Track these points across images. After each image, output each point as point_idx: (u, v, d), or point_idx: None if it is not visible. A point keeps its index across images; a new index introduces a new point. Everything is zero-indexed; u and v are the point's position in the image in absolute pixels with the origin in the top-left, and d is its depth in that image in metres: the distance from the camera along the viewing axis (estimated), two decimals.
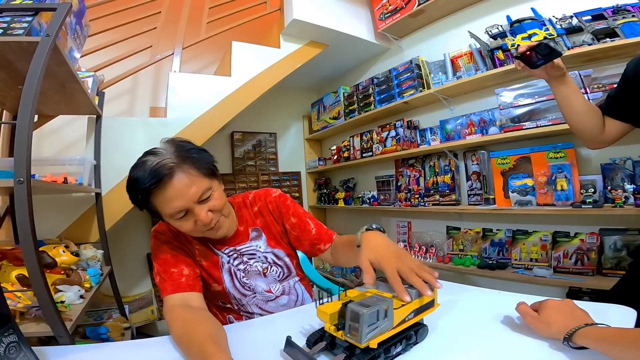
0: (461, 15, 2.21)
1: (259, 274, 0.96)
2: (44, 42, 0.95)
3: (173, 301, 0.80)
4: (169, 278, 0.83)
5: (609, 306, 0.75)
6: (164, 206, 0.78)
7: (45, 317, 0.85)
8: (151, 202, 0.79)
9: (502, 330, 0.70)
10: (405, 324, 0.61)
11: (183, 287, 0.82)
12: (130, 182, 0.79)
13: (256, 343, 0.74)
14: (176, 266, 0.86)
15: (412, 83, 2.29)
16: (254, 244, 0.97)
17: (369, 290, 0.68)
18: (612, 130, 1.04)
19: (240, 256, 0.96)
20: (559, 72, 1.01)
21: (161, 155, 0.78)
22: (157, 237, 0.91)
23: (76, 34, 1.32)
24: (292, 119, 3.54)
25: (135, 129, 1.94)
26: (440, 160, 2.29)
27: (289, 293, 1.00)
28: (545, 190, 1.68)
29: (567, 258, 1.65)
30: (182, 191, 0.77)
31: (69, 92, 1.36)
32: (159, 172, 0.75)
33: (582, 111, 1.04)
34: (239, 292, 0.94)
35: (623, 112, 1.02)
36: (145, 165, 0.76)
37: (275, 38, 2.44)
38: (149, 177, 0.75)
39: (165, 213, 0.80)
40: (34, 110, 0.86)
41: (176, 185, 0.76)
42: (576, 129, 1.08)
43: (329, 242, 1.00)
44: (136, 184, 0.77)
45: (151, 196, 0.77)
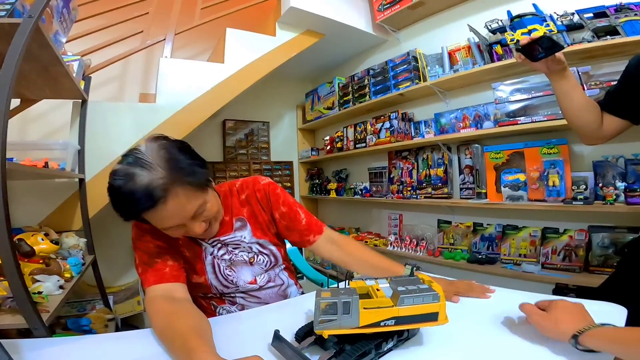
0: (461, 8, 2.18)
1: (245, 263, 0.93)
2: (26, 23, 0.91)
3: (155, 292, 0.77)
4: (152, 269, 0.80)
5: (599, 303, 0.74)
6: (157, 222, 0.75)
7: (20, 309, 0.81)
8: (142, 217, 0.74)
9: (492, 324, 0.70)
10: (381, 328, 0.57)
11: (167, 277, 0.79)
12: (117, 195, 0.71)
13: (244, 336, 0.72)
14: (160, 256, 0.82)
15: (408, 75, 2.26)
16: (238, 235, 0.94)
17: (372, 285, 0.65)
18: (610, 127, 1.03)
19: (225, 246, 0.92)
20: (559, 66, 0.99)
21: (152, 171, 0.69)
22: (139, 226, 0.84)
23: (63, 18, 1.28)
24: (286, 108, 3.50)
25: (122, 114, 1.88)
26: (433, 153, 2.27)
27: (274, 281, 0.98)
28: (537, 186, 1.68)
29: (555, 254, 1.67)
30: (176, 211, 0.73)
31: (53, 75, 1.31)
32: (152, 195, 0.68)
33: (581, 106, 1.03)
34: (221, 284, 0.92)
35: (622, 109, 1.01)
36: (135, 181, 0.68)
37: (271, 26, 2.39)
38: (142, 199, 0.68)
39: (158, 226, 0.76)
40: (11, 92, 0.82)
41: (170, 207, 0.71)
42: (574, 124, 1.07)
43: (319, 234, 0.97)
44: (126, 203, 0.70)
45: (142, 214, 0.72)
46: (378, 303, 0.58)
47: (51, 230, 1.34)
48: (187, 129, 1.97)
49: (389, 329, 0.57)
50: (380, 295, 0.61)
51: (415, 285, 0.60)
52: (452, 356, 0.60)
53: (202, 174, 0.78)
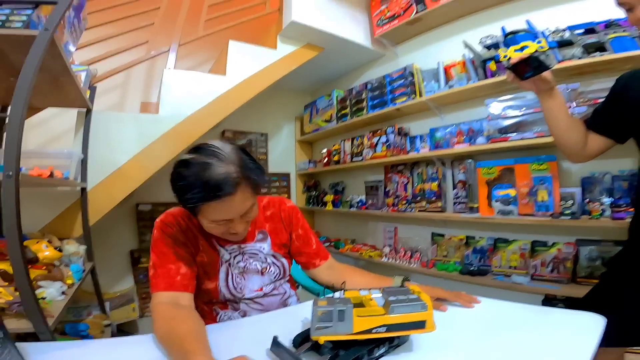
0: (457, 24, 2.25)
1: (257, 273, 0.98)
2: (42, 36, 0.94)
3: (162, 298, 0.80)
4: (164, 274, 0.82)
5: (580, 313, 0.78)
6: (212, 213, 0.79)
7: (27, 314, 0.83)
8: (201, 205, 0.77)
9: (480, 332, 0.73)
10: (373, 335, 0.61)
11: (176, 286, 0.82)
12: (190, 181, 0.76)
13: (243, 343, 0.75)
14: (175, 263, 0.85)
15: (404, 90, 2.32)
16: (258, 245, 0.99)
17: (365, 295, 0.69)
18: (595, 145, 1.05)
19: (242, 254, 0.97)
20: (547, 86, 1.01)
21: (228, 165, 0.76)
22: (163, 228, 0.88)
23: (73, 28, 1.30)
24: (285, 120, 3.54)
25: (125, 124, 1.91)
26: (428, 168, 2.33)
27: (278, 289, 1.03)
28: (526, 201, 1.74)
29: (544, 266, 1.71)
30: (236, 207, 0.79)
31: (61, 85, 1.34)
32: (225, 186, 0.74)
33: (567, 125, 1.05)
34: (229, 291, 0.95)
35: (607, 128, 1.03)
36: (212, 170, 0.75)
37: (272, 39, 2.44)
38: (216, 188, 0.74)
39: (210, 218, 0.80)
40: (27, 105, 0.85)
41: (234, 201, 0.77)
42: (560, 142, 1.10)
43: (324, 260, 1.07)
44: (199, 189, 0.75)
45: (203, 205, 0.77)
46: (370, 311, 0.62)
47: (54, 238, 1.37)
48: (188, 140, 2.00)
49: (380, 336, 0.61)
50: (372, 304, 0.65)
51: (405, 295, 0.65)
52: None
53: (262, 179, 0.85)
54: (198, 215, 0.82)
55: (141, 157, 1.88)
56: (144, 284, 2.63)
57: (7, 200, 0.78)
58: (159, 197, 2.70)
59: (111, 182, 1.80)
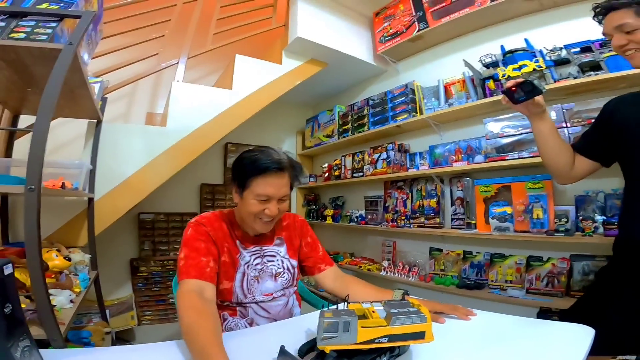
0: (457, 42, 2.30)
1: (272, 276, 1.08)
2: (67, 50, 0.96)
3: (191, 286, 0.88)
4: (196, 264, 0.92)
5: (570, 325, 0.82)
6: (260, 187, 0.97)
7: (42, 321, 0.86)
8: (254, 178, 0.97)
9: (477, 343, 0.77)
10: (376, 344, 0.65)
11: (206, 276, 0.92)
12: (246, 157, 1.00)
13: (249, 352, 0.77)
14: (206, 256, 0.96)
15: (405, 107, 2.36)
16: (276, 249, 1.13)
17: (368, 308, 0.72)
18: (581, 168, 1.11)
19: (262, 257, 1.09)
20: (539, 109, 1.06)
21: (279, 154, 1.01)
22: (196, 227, 1.01)
23: (90, 39, 1.32)
24: (286, 133, 3.58)
25: (132, 136, 1.94)
26: (427, 185, 2.37)
27: (286, 296, 1.12)
28: (522, 218, 1.78)
29: (539, 280, 1.75)
30: (278, 186, 0.99)
31: (76, 97, 1.36)
32: (279, 164, 0.98)
33: (556, 148, 1.10)
34: (243, 292, 1.03)
35: (593, 152, 1.08)
36: (267, 154, 0.99)
37: (277, 53, 2.49)
38: (272, 162, 0.97)
39: (256, 192, 0.97)
40: (50, 119, 0.89)
41: (280, 180, 0.99)
42: (548, 164, 1.15)
43: (329, 265, 1.19)
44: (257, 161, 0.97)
45: (257, 178, 0.96)
46: (373, 323, 0.66)
47: (62, 247, 1.39)
48: (193, 153, 2.02)
49: (383, 345, 0.65)
50: (375, 316, 0.69)
51: (406, 307, 0.69)
52: None
53: (300, 178, 1.09)
54: (246, 191, 0.99)
55: (147, 169, 1.89)
56: (142, 293, 2.64)
57: (29, 212, 0.82)
58: (160, 207, 2.73)
59: (117, 194, 1.83)
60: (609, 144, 1.03)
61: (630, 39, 0.90)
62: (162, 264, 2.71)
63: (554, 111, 1.67)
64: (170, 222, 2.77)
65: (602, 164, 1.09)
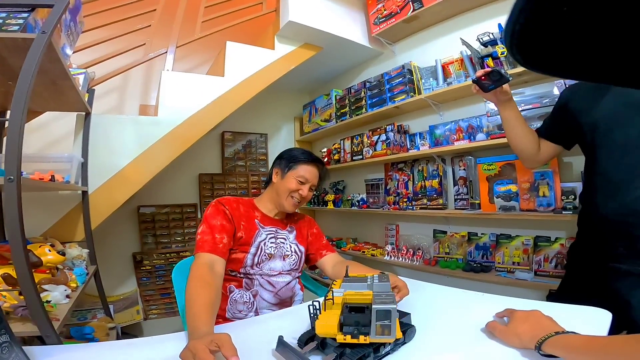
0: (454, 22, 2.25)
1: (281, 257, 1.21)
2: (40, 39, 0.94)
3: (204, 259, 1.00)
4: (210, 239, 1.04)
5: (585, 308, 0.79)
6: (302, 170, 1.23)
7: (33, 317, 0.84)
8: (299, 164, 1.23)
9: (486, 331, 0.72)
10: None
11: (218, 251, 1.03)
12: (297, 150, 1.31)
13: (249, 343, 0.75)
14: (220, 233, 1.07)
15: (403, 88, 2.32)
16: (286, 234, 1.27)
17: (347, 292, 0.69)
18: (546, 151, 1.20)
19: (276, 238, 1.22)
20: (506, 97, 1.15)
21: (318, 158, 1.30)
22: (217, 205, 1.16)
23: (70, 31, 1.31)
24: (284, 120, 3.55)
25: (125, 127, 1.91)
26: (428, 165, 2.32)
27: (291, 276, 1.23)
28: (528, 196, 1.74)
29: (547, 262, 1.71)
30: (314, 176, 1.26)
31: (59, 88, 1.34)
32: (319, 160, 1.29)
33: (523, 133, 1.19)
34: (253, 262, 1.14)
35: (555, 136, 1.18)
36: (310, 154, 1.29)
37: (270, 39, 2.45)
38: (312, 157, 1.27)
39: (299, 173, 1.22)
40: (26, 108, 0.85)
41: (315, 171, 1.26)
42: (516, 147, 1.24)
43: (331, 252, 1.33)
44: (304, 154, 1.27)
45: (302, 164, 1.23)
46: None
47: (57, 242, 1.37)
48: (188, 141, 2.00)
49: None
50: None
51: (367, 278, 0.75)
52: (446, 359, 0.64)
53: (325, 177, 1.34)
54: (291, 171, 1.23)
55: (141, 159, 1.88)
56: (146, 287, 2.63)
57: (10, 204, 0.78)
58: (160, 199, 2.71)
59: (112, 186, 1.81)
60: (566, 129, 1.12)
61: None
62: (164, 256, 2.70)
63: (556, 86, 1.64)
64: (170, 214, 2.75)
65: (564, 146, 1.18)
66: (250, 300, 1.12)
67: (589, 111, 1.03)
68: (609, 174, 0.97)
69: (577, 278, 1.11)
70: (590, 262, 1.05)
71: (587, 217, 1.10)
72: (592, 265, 1.04)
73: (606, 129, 0.98)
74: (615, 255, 0.96)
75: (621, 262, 0.94)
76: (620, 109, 0.95)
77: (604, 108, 0.99)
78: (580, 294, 1.02)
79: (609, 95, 0.99)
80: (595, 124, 1.00)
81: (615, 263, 0.96)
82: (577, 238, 1.16)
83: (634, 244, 0.91)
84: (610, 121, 0.97)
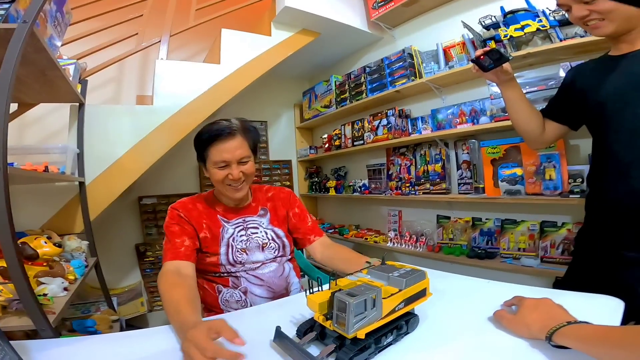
0: (455, 5, 2.18)
1: (258, 247, 1.11)
2: (21, 28, 0.92)
3: (168, 267, 0.96)
4: (171, 247, 1.00)
5: (596, 296, 0.76)
6: (215, 154, 1.02)
7: (27, 311, 0.82)
8: (208, 149, 1.03)
9: (492, 319, 0.70)
10: (395, 313, 0.61)
11: (181, 256, 0.98)
12: (201, 131, 1.07)
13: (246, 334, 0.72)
14: (180, 237, 1.02)
15: (404, 72, 2.26)
16: (258, 220, 1.15)
17: (360, 278, 0.67)
18: (551, 132, 1.16)
19: (245, 229, 1.12)
20: (507, 77, 1.11)
21: (229, 121, 1.06)
22: (171, 212, 1.09)
23: (56, 22, 1.29)
24: (283, 107, 3.50)
25: (120, 117, 1.89)
26: (431, 149, 2.28)
27: (279, 263, 1.14)
28: (534, 180, 1.70)
29: (554, 248, 1.68)
30: (232, 149, 1.03)
31: (49, 79, 1.32)
32: (224, 130, 1.02)
33: (527, 113, 1.15)
34: (230, 263, 1.07)
35: (561, 115, 1.14)
36: (217, 124, 1.05)
37: (266, 26, 2.39)
38: (217, 131, 1.02)
39: (213, 160, 1.03)
40: (9, 97, 0.83)
41: (231, 143, 1.03)
42: (520, 128, 1.19)
43: (319, 236, 1.22)
44: (205, 133, 1.04)
45: (211, 145, 1.02)
46: (387, 291, 0.61)
47: (53, 234, 1.35)
48: (185, 130, 1.97)
49: (401, 313, 0.62)
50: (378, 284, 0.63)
51: (396, 270, 0.67)
52: (450, 349, 0.61)
53: (257, 139, 1.12)
54: (207, 162, 1.06)
55: (138, 148, 1.86)
56: (150, 278, 2.64)
57: None
58: (161, 189, 2.69)
59: (109, 176, 1.79)
60: (573, 109, 1.08)
61: (591, 9, 0.89)
62: None
63: (562, 68, 1.59)
64: (171, 203, 2.73)
65: (570, 127, 1.14)
66: (242, 299, 1.06)
67: (596, 90, 0.98)
68: (619, 155, 0.93)
69: (584, 265, 1.07)
70: (598, 249, 1.01)
71: (595, 200, 1.05)
72: (599, 252, 1.00)
73: (614, 108, 0.93)
74: (624, 241, 0.92)
75: (630, 248, 0.91)
76: (628, 88, 0.91)
77: (612, 87, 0.95)
78: (588, 281, 0.98)
79: (616, 75, 0.95)
80: (603, 103, 0.96)
81: (623, 250, 0.92)
82: (585, 223, 1.11)
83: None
84: (618, 100, 0.93)
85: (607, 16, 0.88)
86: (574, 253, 1.17)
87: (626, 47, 0.93)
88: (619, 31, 0.90)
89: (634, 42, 0.91)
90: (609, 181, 0.96)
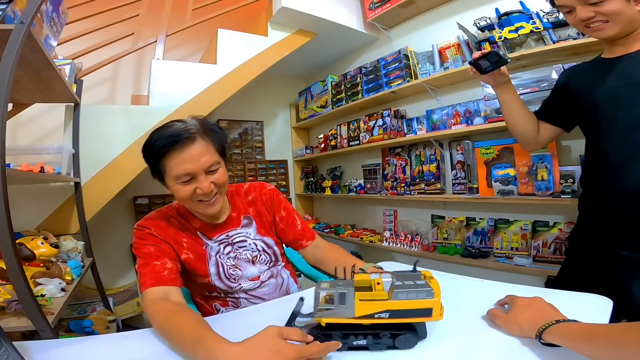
0: (450, 6, 2.21)
1: (249, 262, 0.98)
2: (18, 29, 0.92)
3: (154, 294, 0.78)
4: (150, 271, 0.81)
5: (585, 295, 0.77)
6: (174, 167, 0.81)
7: (26, 312, 0.82)
8: (164, 161, 0.81)
9: (486, 318, 0.71)
10: (374, 320, 0.59)
11: (164, 280, 0.80)
12: (150, 139, 0.82)
13: (244, 333, 0.74)
14: (159, 259, 0.84)
15: (400, 73, 2.28)
16: (244, 231, 1.00)
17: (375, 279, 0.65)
18: (546, 134, 1.17)
19: (231, 244, 0.97)
20: (504, 79, 1.11)
21: (185, 123, 0.83)
22: (141, 230, 0.89)
23: (52, 22, 1.29)
24: (280, 107, 3.51)
25: (116, 117, 1.88)
26: (426, 150, 2.31)
27: (276, 277, 1.03)
28: (526, 180, 1.72)
29: (546, 247, 1.71)
30: (195, 157, 0.80)
31: (45, 79, 1.32)
32: (181, 135, 0.79)
33: (521, 115, 1.15)
34: (224, 283, 0.95)
35: (554, 117, 1.15)
36: (171, 127, 0.81)
37: (263, 26, 2.40)
38: (171, 137, 0.79)
39: (173, 174, 0.81)
40: (7, 99, 0.84)
41: (192, 150, 0.80)
42: (515, 130, 1.20)
43: (311, 240, 1.07)
44: (157, 141, 0.80)
45: (166, 155, 0.80)
46: (374, 296, 0.59)
47: (50, 234, 1.35)
48: None
49: (383, 322, 0.59)
50: (379, 288, 0.62)
51: (413, 280, 0.61)
52: (444, 347, 0.62)
53: (223, 139, 0.89)
54: (165, 177, 0.84)
55: (134, 149, 1.85)
56: None
57: None
58: (155, 190, 2.68)
59: (105, 176, 1.79)
60: (567, 110, 1.09)
61: (597, 11, 0.87)
62: None
63: (554, 70, 1.61)
64: (167, 204, 2.72)
65: (564, 128, 1.15)
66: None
67: (589, 91, 0.99)
68: (612, 156, 0.94)
69: (577, 264, 1.09)
70: (590, 248, 1.03)
71: (588, 200, 1.07)
72: (592, 251, 1.01)
73: (608, 109, 0.94)
74: (616, 240, 0.94)
75: (622, 247, 0.92)
76: (622, 89, 0.92)
77: (606, 88, 0.96)
78: (580, 280, 1.00)
79: (611, 76, 0.96)
80: (597, 104, 0.97)
81: (616, 249, 0.94)
82: (578, 222, 1.13)
83: (636, 229, 0.89)
84: (612, 101, 0.94)
85: (612, 18, 0.87)
86: (567, 252, 1.19)
87: (621, 50, 0.94)
88: (622, 33, 0.90)
89: (629, 44, 0.92)
90: (602, 181, 0.98)
